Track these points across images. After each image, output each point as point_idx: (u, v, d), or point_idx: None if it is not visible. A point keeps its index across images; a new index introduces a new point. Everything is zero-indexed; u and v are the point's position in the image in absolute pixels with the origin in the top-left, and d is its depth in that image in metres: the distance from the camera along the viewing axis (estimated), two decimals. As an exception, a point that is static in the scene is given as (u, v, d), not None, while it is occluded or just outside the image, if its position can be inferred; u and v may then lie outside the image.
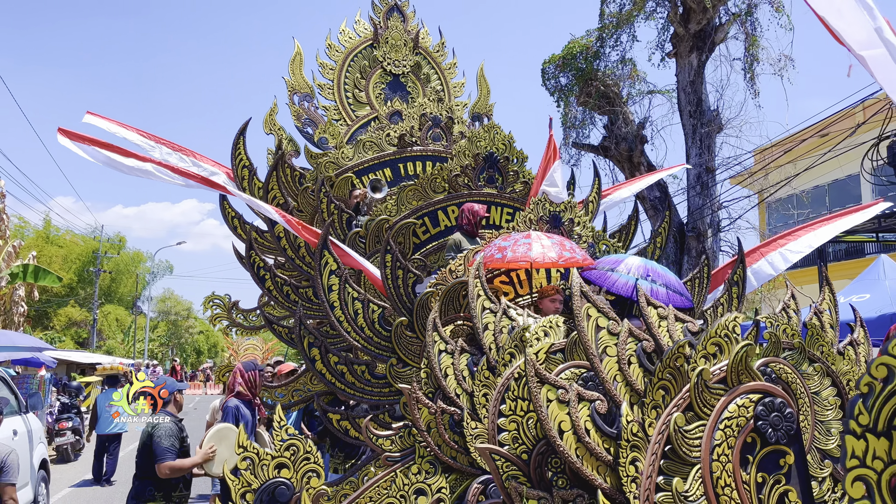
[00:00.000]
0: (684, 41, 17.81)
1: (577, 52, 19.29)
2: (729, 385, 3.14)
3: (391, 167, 7.82)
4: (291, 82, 8.81)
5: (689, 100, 17.88)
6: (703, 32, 17.71)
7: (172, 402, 5.73)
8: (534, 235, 5.35)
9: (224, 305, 7.58)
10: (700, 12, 17.15)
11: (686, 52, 17.84)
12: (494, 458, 2.98)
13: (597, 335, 3.11)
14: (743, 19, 17.93)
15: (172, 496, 5.47)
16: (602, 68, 19.26)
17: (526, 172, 6.91)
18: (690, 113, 17.90)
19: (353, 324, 5.53)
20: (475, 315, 4.43)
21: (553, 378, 2.98)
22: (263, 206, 5.90)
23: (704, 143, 17.90)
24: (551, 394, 2.97)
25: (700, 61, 17.85)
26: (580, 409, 3.00)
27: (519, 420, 3.01)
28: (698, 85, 17.94)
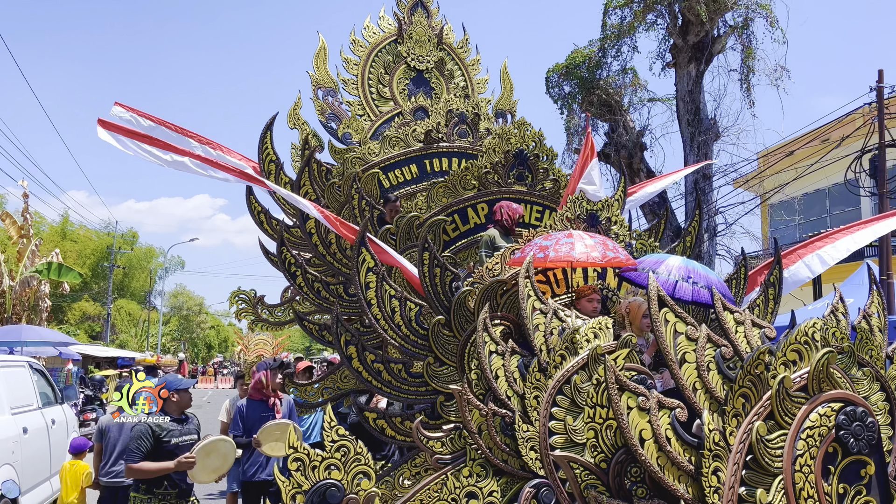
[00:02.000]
0: (683, 52, 17.89)
1: (580, 61, 19.42)
2: (810, 393, 2.98)
3: (417, 163, 7.64)
4: (316, 77, 8.62)
5: (687, 108, 17.99)
6: (701, 44, 17.81)
7: (170, 401, 5.46)
8: (576, 234, 5.18)
9: (249, 300, 7.41)
10: (698, 25, 17.24)
11: (685, 62, 17.94)
12: (573, 467, 2.83)
13: (675, 341, 2.96)
14: (739, 32, 17.98)
15: (156, 492, 5.26)
16: (604, 77, 19.36)
17: (556, 170, 6.75)
18: (689, 121, 17.99)
19: (391, 322, 5.35)
20: (525, 316, 4.26)
21: (633, 385, 2.82)
22: (300, 201, 5.72)
23: (702, 150, 17.99)
24: (631, 401, 2.81)
25: (698, 71, 17.96)
26: (661, 417, 2.84)
27: (597, 428, 2.85)
28: (696, 94, 18.04)
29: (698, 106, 18.06)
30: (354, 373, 5.36)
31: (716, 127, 18.41)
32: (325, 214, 5.62)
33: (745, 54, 18.12)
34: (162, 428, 5.31)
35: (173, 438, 5.35)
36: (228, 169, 5.53)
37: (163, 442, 5.27)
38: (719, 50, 18.13)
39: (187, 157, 5.39)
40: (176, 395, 5.47)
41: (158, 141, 5.27)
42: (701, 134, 17.95)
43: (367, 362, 5.35)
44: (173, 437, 5.35)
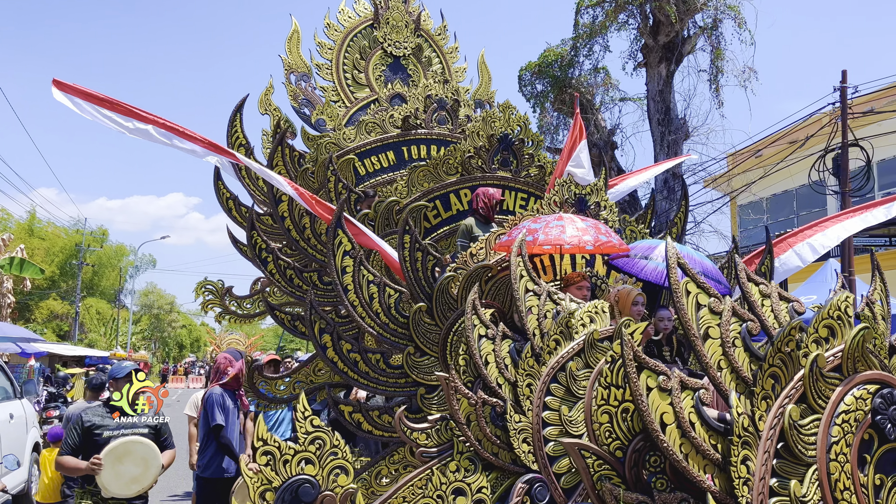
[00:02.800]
0: (654, 52, 17.84)
1: (553, 60, 19.32)
2: (844, 374, 2.65)
3: (394, 150, 7.24)
4: (288, 61, 8.18)
5: (657, 108, 17.94)
6: (671, 44, 17.76)
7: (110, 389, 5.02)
8: (566, 218, 4.83)
9: (217, 291, 6.94)
10: (668, 25, 17.21)
11: (655, 62, 17.89)
12: (585, 456, 2.45)
13: (697, 314, 2.60)
14: (709, 33, 17.99)
15: (87, 487, 4.79)
16: (576, 76, 19.25)
17: (542, 156, 6.40)
18: (659, 121, 17.93)
19: (368, 309, 4.95)
20: (518, 297, 3.89)
21: (653, 363, 2.46)
22: (273, 176, 5.28)
23: (672, 149, 17.93)
24: (651, 381, 2.45)
25: (669, 71, 17.92)
26: (683, 399, 2.49)
27: (612, 411, 2.48)
28: (667, 94, 17.99)
29: (668, 105, 18.04)
30: (329, 363, 4.94)
31: (685, 126, 18.41)
32: (300, 192, 5.20)
33: (715, 55, 18.16)
34: (93, 418, 4.83)
35: (105, 432, 4.85)
36: (195, 139, 5.08)
37: (94, 434, 4.80)
38: (689, 50, 18.13)
39: (151, 126, 4.92)
40: (113, 385, 5.01)
41: (120, 106, 4.80)
42: (671, 133, 17.92)
43: (343, 352, 4.93)
44: (106, 431, 4.86)
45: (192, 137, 5.31)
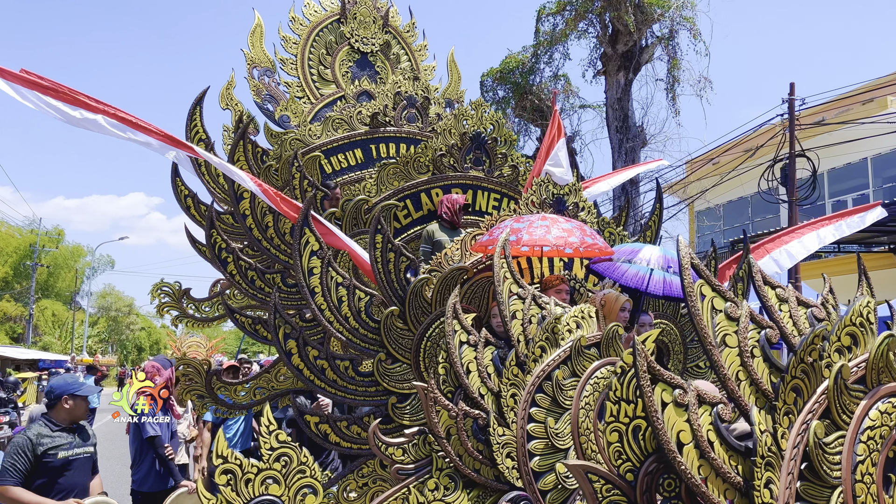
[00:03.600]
0: (613, 61, 17.92)
1: (514, 66, 19.29)
2: (868, 385, 2.39)
3: (362, 148, 6.88)
4: (251, 55, 7.76)
5: (616, 116, 18.02)
6: (629, 53, 17.86)
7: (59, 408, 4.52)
8: (550, 218, 4.54)
9: (173, 294, 6.48)
10: (627, 35, 17.32)
11: (614, 70, 17.96)
12: (592, 479, 2.14)
13: (713, 320, 2.32)
14: (665, 43, 18.12)
15: None
16: (537, 83, 19.22)
17: (515, 156, 6.11)
18: (617, 128, 18.01)
19: (337, 313, 4.58)
20: (501, 301, 3.57)
21: (669, 375, 2.16)
22: (235, 172, 4.88)
23: (629, 156, 18.01)
24: (667, 395, 2.15)
25: (627, 80, 18.01)
26: (702, 416, 2.20)
27: (622, 430, 2.17)
28: (625, 102, 18.07)
29: (626, 113, 18.15)
30: (294, 371, 4.56)
31: (643, 134, 18.54)
32: (264, 188, 4.81)
33: (671, 65, 18.29)
34: (44, 439, 4.33)
35: (61, 452, 4.38)
36: (151, 131, 4.64)
37: (47, 456, 4.30)
38: (647, 60, 18.27)
39: (100, 115, 4.48)
40: (70, 402, 4.50)
41: (65, 94, 4.35)
42: (629, 141, 18.04)
43: (310, 359, 4.56)
44: (61, 451, 4.38)
45: (147, 129, 4.88)
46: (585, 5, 17.60)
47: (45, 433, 4.36)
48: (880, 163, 19.76)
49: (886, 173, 19.75)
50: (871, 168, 20.11)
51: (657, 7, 17.06)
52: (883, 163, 19.68)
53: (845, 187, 20.87)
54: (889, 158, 19.35)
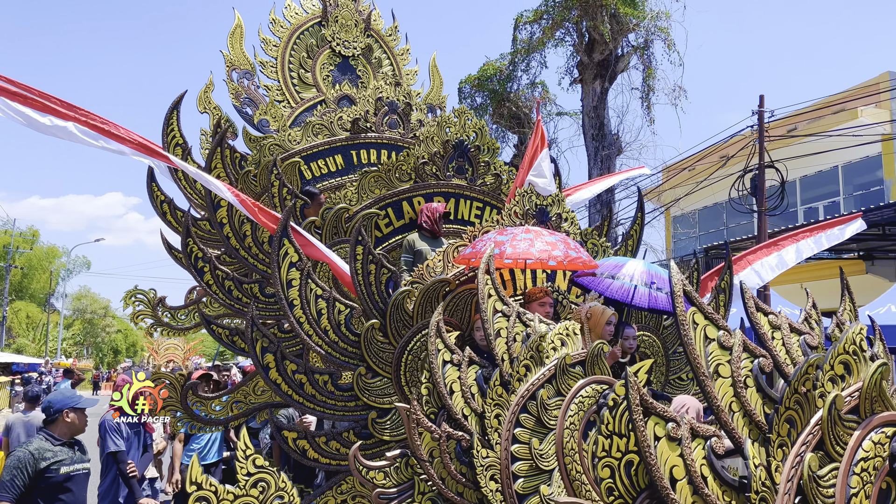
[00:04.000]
0: (589, 69, 18.02)
1: (492, 74, 19.33)
2: (862, 415, 2.33)
3: (343, 154, 6.74)
4: (230, 57, 7.59)
5: (592, 124, 18.12)
6: (605, 62, 17.97)
7: (60, 423, 4.37)
8: (534, 231, 4.46)
9: (148, 301, 6.31)
10: (603, 44, 17.39)
11: (590, 79, 18.07)
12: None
13: (706, 349, 2.24)
14: (641, 52, 18.24)
15: None
16: (514, 90, 19.28)
17: (498, 164, 6.02)
18: (593, 136, 18.11)
19: (316, 326, 4.46)
20: (485, 319, 3.48)
21: (662, 407, 2.08)
22: (212, 181, 4.73)
23: (605, 164, 18.09)
24: (660, 429, 2.07)
25: (603, 88, 18.12)
26: (695, 450, 2.12)
27: (614, 465, 2.09)
28: (601, 110, 18.19)
29: (602, 121, 18.28)
30: (272, 386, 4.43)
31: (618, 142, 18.68)
32: (242, 199, 4.67)
33: (646, 74, 18.42)
34: (46, 454, 4.19)
35: (63, 467, 4.24)
36: (125, 139, 4.48)
37: (50, 472, 4.16)
38: (622, 69, 18.39)
39: (71, 123, 4.31)
40: (70, 415, 4.36)
41: (35, 100, 4.17)
42: (604, 148, 18.16)
43: (288, 373, 4.43)
44: (63, 466, 4.25)
45: (121, 137, 4.71)
46: (562, 14, 17.67)
47: (46, 448, 4.23)
48: (850, 171, 20.01)
49: (857, 181, 19.99)
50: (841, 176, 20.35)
51: (632, 17, 17.15)
52: (853, 171, 19.93)
53: (817, 194, 21.10)
54: (859, 166, 19.60)
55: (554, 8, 17.77)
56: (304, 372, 4.44)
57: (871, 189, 19.29)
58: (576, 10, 17.32)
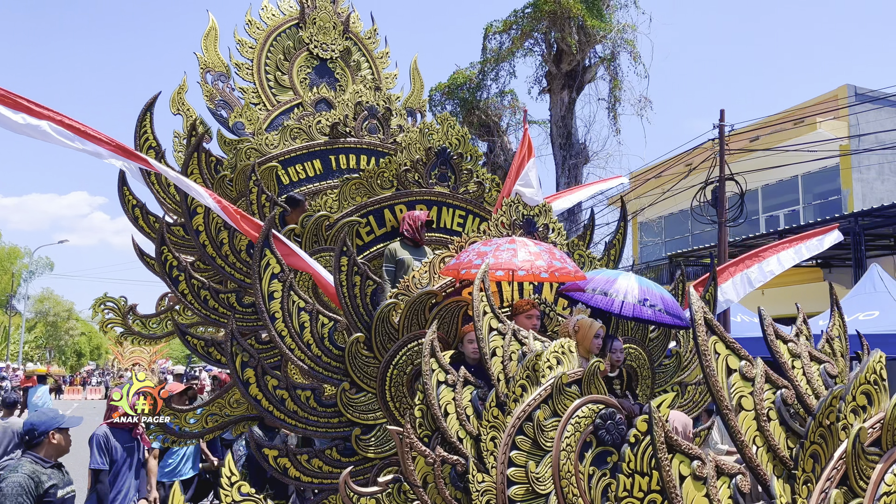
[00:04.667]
0: (557, 79, 18.11)
1: (462, 82, 19.32)
2: (884, 447, 2.23)
3: (321, 159, 6.53)
4: (204, 59, 7.31)
5: (560, 133, 18.23)
6: (573, 72, 18.08)
7: (46, 444, 4.11)
8: (518, 241, 4.31)
9: (118, 309, 6.02)
10: (570, 54, 17.45)
11: (558, 89, 18.17)
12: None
13: (728, 380, 2.11)
14: (607, 64, 18.37)
15: None
16: (484, 99, 19.29)
17: (480, 172, 5.87)
18: (561, 145, 18.20)
19: (299, 340, 4.26)
20: (481, 338, 3.32)
21: (686, 445, 1.94)
22: (192, 186, 4.48)
23: (572, 173, 18.18)
24: (685, 467, 1.93)
25: (571, 98, 18.23)
26: (720, 489, 1.98)
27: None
28: (569, 120, 18.29)
29: (570, 131, 18.40)
30: (253, 402, 4.21)
31: (585, 151, 18.82)
32: (224, 205, 4.43)
33: (613, 85, 18.57)
34: (42, 477, 3.91)
35: (58, 491, 3.98)
36: (100, 140, 4.22)
37: (48, 496, 3.89)
38: (590, 79, 18.54)
39: (45, 122, 4.04)
40: (56, 436, 4.08)
41: (6, 97, 3.90)
42: (572, 157, 18.28)
43: (268, 389, 4.22)
44: (58, 490, 3.99)
45: (96, 138, 4.45)
46: (531, 25, 17.70)
47: (40, 471, 3.93)
48: (810, 180, 20.30)
49: (816, 189, 20.29)
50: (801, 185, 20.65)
51: (599, 30, 17.24)
52: (812, 180, 20.23)
53: (778, 203, 21.37)
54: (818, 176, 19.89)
55: (523, 19, 17.83)
56: (285, 387, 4.23)
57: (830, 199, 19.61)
58: (544, 21, 17.37)
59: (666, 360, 5.15)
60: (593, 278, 4.49)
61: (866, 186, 18.76)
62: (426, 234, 5.51)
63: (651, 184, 19.12)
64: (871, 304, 9.23)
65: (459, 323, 4.47)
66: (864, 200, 18.35)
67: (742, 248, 16.75)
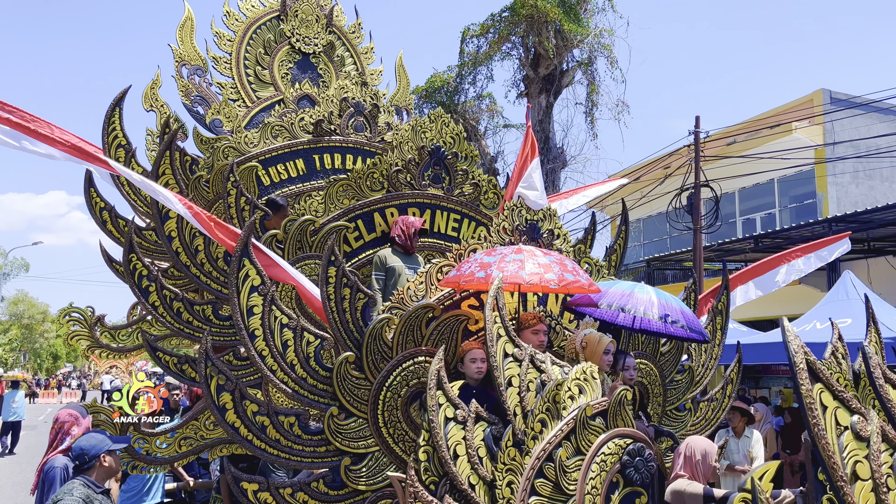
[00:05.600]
0: (535, 83, 17.83)
1: (440, 85, 18.93)
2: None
3: (304, 158, 5.96)
4: (180, 52, 6.70)
5: (537, 137, 18.02)
6: (551, 76, 17.81)
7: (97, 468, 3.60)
8: (525, 251, 3.78)
9: (85, 320, 5.40)
10: (548, 59, 17.14)
11: (536, 93, 17.89)
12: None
13: (839, 440, 1.60)
14: (585, 68, 18.07)
15: None
16: (461, 102, 18.89)
17: (477, 173, 5.34)
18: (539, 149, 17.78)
19: (281, 360, 3.70)
20: (495, 366, 2.79)
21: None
22: (160, 191, 3.90)
23: (550, 177, 17.86)
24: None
25: (548, 102, 17.96)
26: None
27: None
28: (546, 124, 18.00)
29: (548, 135, 18.13)
30: (230, 430, 3.66)
31: (563, 155, 18.51)
32: (196, 212, 3.86)
33: (590, 89, 18.25)
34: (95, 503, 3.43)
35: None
36: (55, 141, 3.63)
37: None
38: (567, 83, 18.29)
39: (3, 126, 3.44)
40: (108, 458, 3.58)
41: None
42: (549, 161, 17.96)
43: (248, 415, 3.66)
44: None
45: (51, 139, 3.85)
46: (508, 29, 17.33)
47: (92, 495, 3.46)
48: (786, 184, 20.05)
49: (792, 192, 20.06)
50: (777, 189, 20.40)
51: (576, 34, 16.87)
52: (788, 184, 19.98)
53: (754, 205, 21.11)
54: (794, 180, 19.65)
55: (500, 22, 17.49)
56: (266, 413, 3.67)
57: (805, 202, 19.38)
58: (521, 24, 16.98)
59: (678, 375, 4.67)
60: (607, 292, 3.99)
61: (841, 190, 18.53)
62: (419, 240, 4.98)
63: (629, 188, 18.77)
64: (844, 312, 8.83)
65: (459, 339, 3.94)
66: (838, 204, 18.11)
67: (719, 253, 16.46)
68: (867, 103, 17.85)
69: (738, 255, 16.67)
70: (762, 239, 14.86)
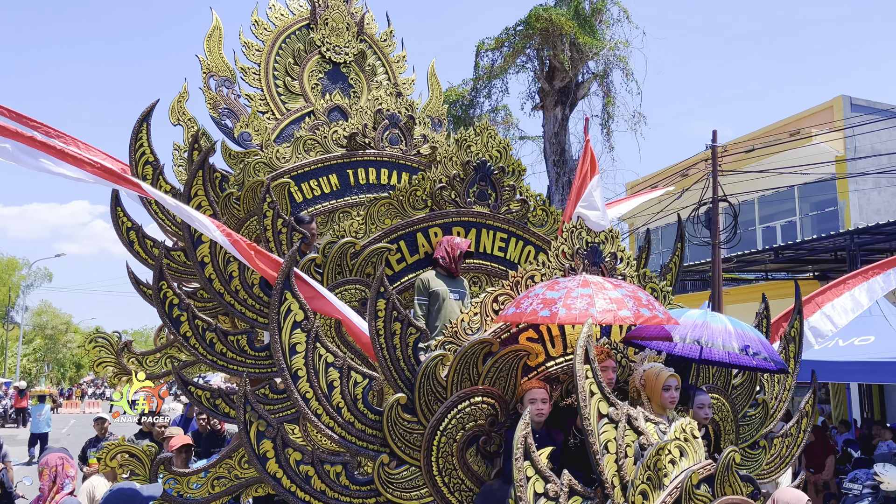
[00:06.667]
0: (550, 96, 17.48)
1: (454, 99, 18.64)
2: None
3: (338, 173, 5.53)
4: (207, 63, 6.27)
5: (553, 149, 17.60)
6: (566, 89, 17.48)
7: None
8: (592, 283, 3.30)
9: (111, 346, 4.98)
10: (563, 71, 16.76)
11: (551, 105, 17.53)
12: None
13: None
14: (600, 80, 17.66)
15: None
16: (476, 115, 18.56)
17: (524, 189, 4.88)
18: (555, 161, 17.57)
19: (327, 403, 3.25)
20: (589, 431, 2.32)
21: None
22: (195, 216, 3.47)
23: (566, 189, 17.45)
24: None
25: (564, 115, 17.62)
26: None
27: None
28: (562, 136, 17.66)
29: (563, 147, 17.73)
30: (271, 480, 3.20)
31: None
32: (234, 239, 3.41)
33: (606, 101, 17.82)
34: None
35: None
36: (83, 162, 3.21)
37: None
38: (583, 95, 17.91)
39: (11, 141, 3.03)
40: None
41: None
42: (565, 174, 17.56)
43: (291, 465, 3.21)
44: None
45: (78, 159, 3.42)
46: (522, 42, 16.95)
47: None
48: (807, 191, 19.42)
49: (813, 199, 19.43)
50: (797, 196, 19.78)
51: (592, 46, 16.39)
52: (809, 191, 19.35)
53: (774, 212, 20.48)
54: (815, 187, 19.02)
55: (515, 36, 17.13)
56: (311, 462, 3.22)
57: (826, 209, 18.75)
58: (536, 37, 16.58)
59: (751, 409, 4.17)
60: (681, 322, 3.50)
61: (863, 197, 17.88)
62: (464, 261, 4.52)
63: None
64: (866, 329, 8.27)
65: (518, 377, 3.47)
66: (860, 212, 17.47)
67: (739, 264, 15.92)
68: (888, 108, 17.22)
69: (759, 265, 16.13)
70: (784, 250, 14.28)
